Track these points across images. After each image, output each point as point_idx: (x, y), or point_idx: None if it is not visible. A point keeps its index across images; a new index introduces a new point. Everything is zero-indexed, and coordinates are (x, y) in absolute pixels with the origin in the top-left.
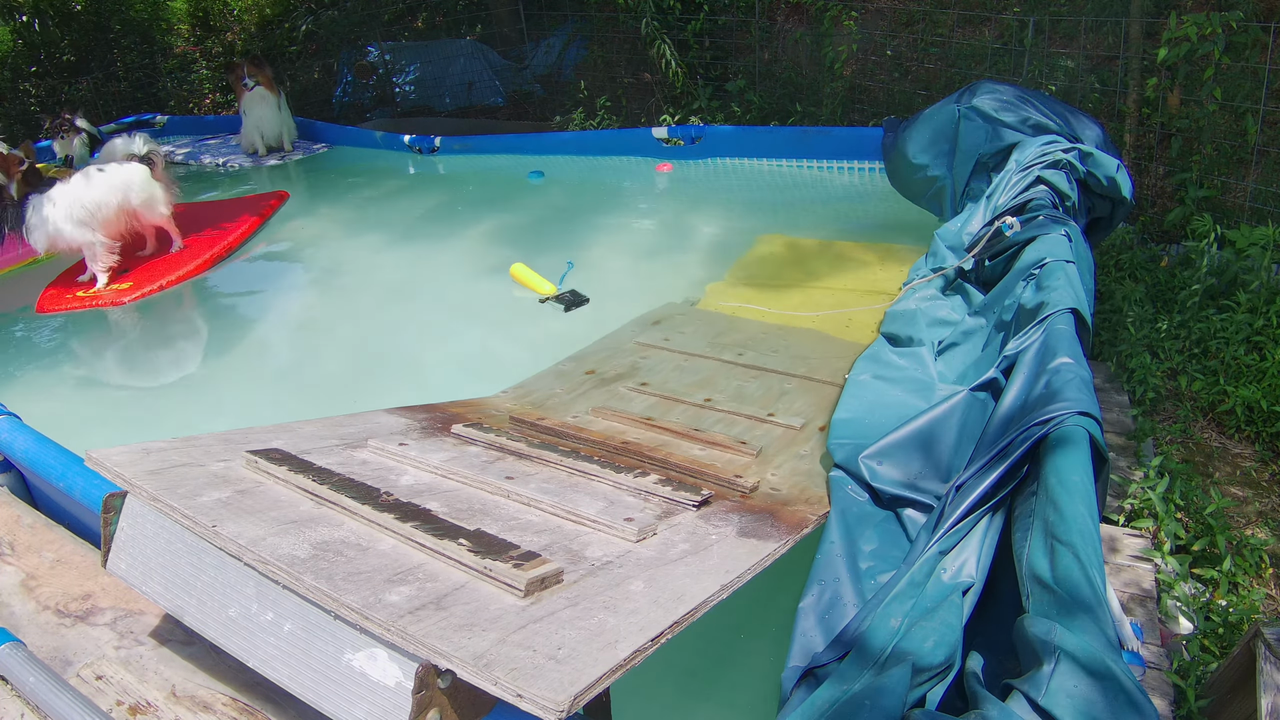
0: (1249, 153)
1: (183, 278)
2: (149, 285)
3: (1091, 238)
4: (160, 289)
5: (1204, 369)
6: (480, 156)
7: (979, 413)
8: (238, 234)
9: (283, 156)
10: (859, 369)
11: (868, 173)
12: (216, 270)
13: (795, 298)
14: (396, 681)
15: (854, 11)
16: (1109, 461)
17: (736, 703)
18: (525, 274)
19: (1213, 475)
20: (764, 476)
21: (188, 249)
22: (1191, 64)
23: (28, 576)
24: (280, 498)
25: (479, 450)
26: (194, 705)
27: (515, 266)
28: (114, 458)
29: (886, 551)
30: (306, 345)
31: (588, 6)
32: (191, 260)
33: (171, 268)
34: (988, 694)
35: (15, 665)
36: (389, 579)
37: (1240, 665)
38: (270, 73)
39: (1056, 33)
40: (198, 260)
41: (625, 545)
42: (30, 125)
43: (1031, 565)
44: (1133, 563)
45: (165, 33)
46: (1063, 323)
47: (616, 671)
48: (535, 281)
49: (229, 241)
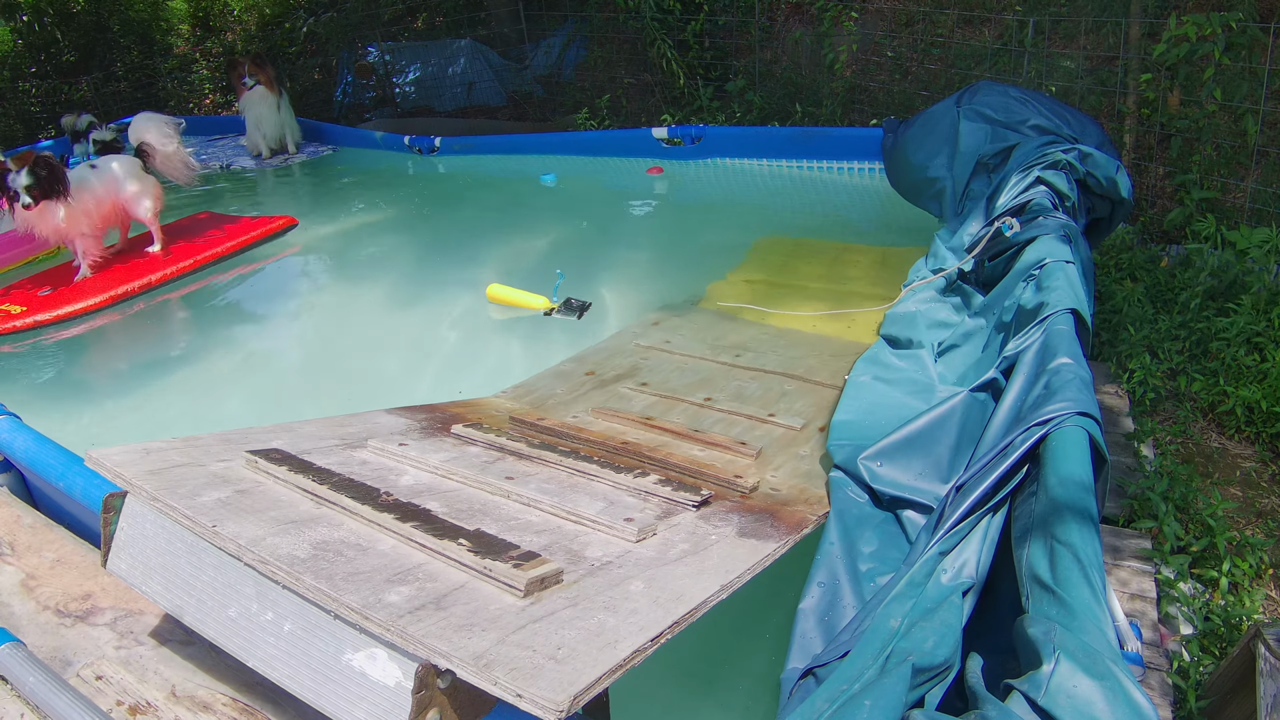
0: (1249, 153)
1: (101, 304)
2: (43, 314)
3: (1091, 238)
4: (56, 320)
5: (1204, 369)
6: (480, 157)
7: (979, 414)
8: (185, 264)
9: (286, 158)
10: (859, 370)
11: (868, 173)
12: (217, 271)
13: (795, 298)
14: (396, 681)
15: (854, 11)
16: (1109, 461)
17: (736, 703)
18: (508, 293)
19: (1213, 475)
20: (764, 477)
21: (141, 264)
22: (1191, 64)
23: (28, 576)
24: (280, 498)
25: (479, 450)
26: (194, 705)
27: (493, 288)
28: (114, 458)
29: (886, 553)
30: (307, 346)
31: (588, 6)
32: (114, 286)
33: (82, 294)
34: (988, 694)
35: (15, 665)
36: (389, 579)
37: (1240, 665)
38: (272, 72)
39: (1056, 33)
40: (123, 287)
41: (625, 545)
42: (30, 125)
43: (1031, 565)
44: (1133, 563)
45: (165, 33)
46: (1062, 323)
47: (616, 671)
48: (522, 298)
49: (164, 274)
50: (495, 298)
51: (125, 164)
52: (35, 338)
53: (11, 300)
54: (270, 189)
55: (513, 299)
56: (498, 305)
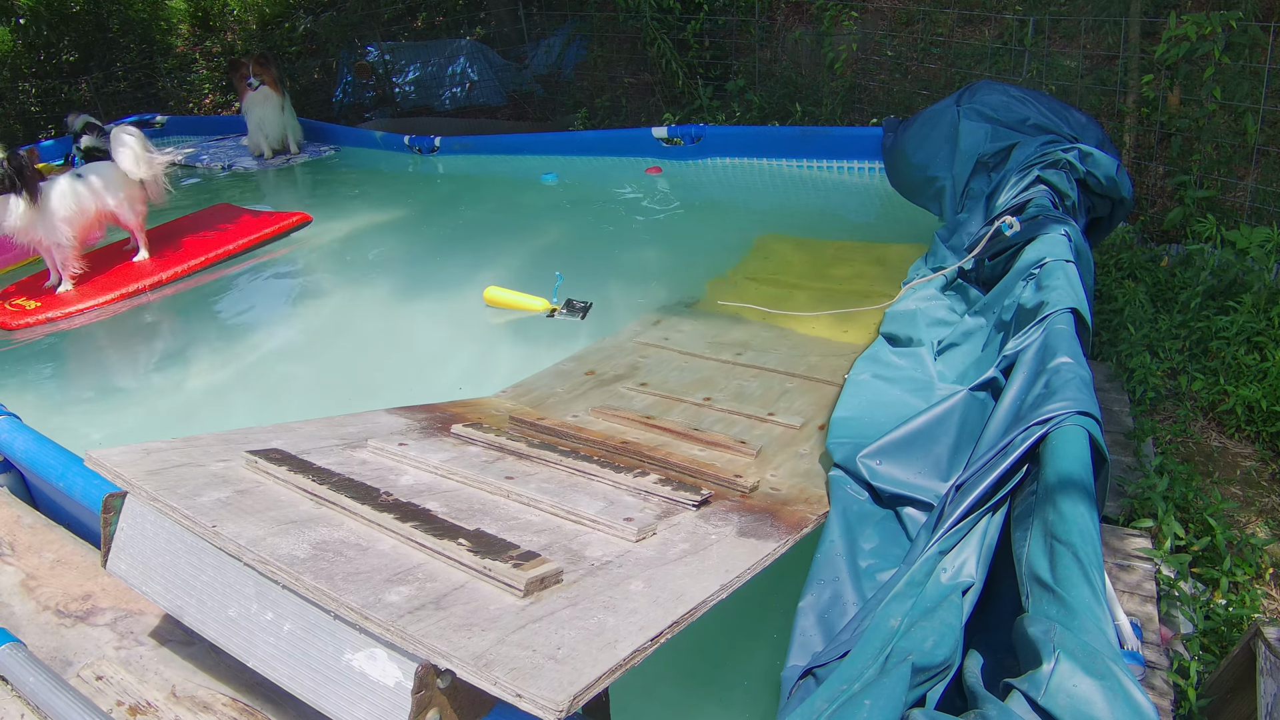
0: (1249, 152)
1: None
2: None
3: (1091, 237)
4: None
5: (1204, 369)
6: (480, 157)
7: (979, 412)
8: (197, 261)
9: (288, 159)
10: (859, 368)
11: (868, 172)
12: (217, 272)
13: (795, 297)
14: (396, 681)
15: (854, 11)
16: (1109, 461)
17: (736, 703)
18: (507, 296)
19: (1213, 474)
20: (764, 476)
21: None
22: (1191, 63)
23: (28, 576)
24: (280, 498)
25: (479, 450)
26: (194, 705)
27: (490, 291)
28: (114, 458)
29: (886, 550)
30: (306, 346)
31: (588, 6)
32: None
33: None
34: (987, 694)
35: (15, 665)
36: (389, 579)
37: (1240, 665)
38: (276, 72)
39: (1056, 32)
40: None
41: (625, 545)
42: (30, 125)
43: (1031, 565)
44: (1133, 563)
45: (165, 33)
46: (1062, 322)
47: (616, 671)
48: (522, 301)
49: (171, 274)
50: (493, 301)
51: (110, 172)
52: (48, 331)
53: (26, 295)
54: (273, 189)
55: (511, 302)
56: (496, 308)
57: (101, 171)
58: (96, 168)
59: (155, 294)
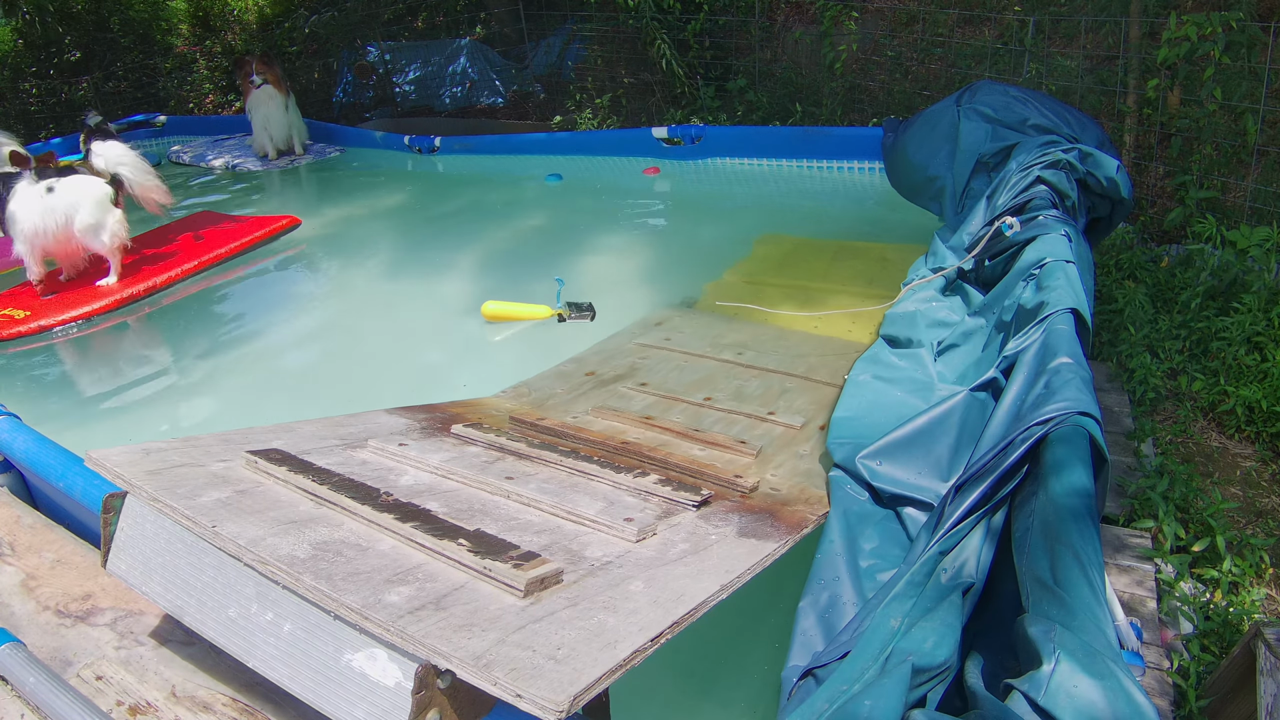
0: (1249, 152)
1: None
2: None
3: (1091, 238)
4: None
5: (1204, 369)
6: (480, 157)
7: (979, 413)
8: (177, 271)
9: (293, 160)
10: (858, 369)
11: (868, 172)
12: (220, 271)
13: (795, 298)
14: (396, 682)
15: (854, 11)
16: (1109, 461)
17: (736, 702)
18: (506, 309)
19: (1213, 475)
20: (764, 476)
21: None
22: (1191, 64)
23: (28, 576)
24: (280, 498)
25: (479, 450)
26: (194, 705)
27: (488, 305)
28: (114, 458)
29: (887, 550)
30: (306, 346)
31: (588, 6)
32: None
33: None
34: (987, 694)
35: (15, 665)
36: (389, 579)
37: (1240, 665)
38: (279, 71)
39: (1056, 33)
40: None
41: (625, 545)
42: (30, 125)
43: (1031, 565)
44: (1133, 563)
45: (165, 33)
46: (1063, 322)
47: (616, 672)
48: (522, 312)
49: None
50: (492, 315)
51: (86, 190)
52: (40, 342)
53: (15, 305)
54: (276, 190)
55: (511, 314)
56: (496, 323)
57: (75, 189)
58: (72, 183)
59: (157, 298)
